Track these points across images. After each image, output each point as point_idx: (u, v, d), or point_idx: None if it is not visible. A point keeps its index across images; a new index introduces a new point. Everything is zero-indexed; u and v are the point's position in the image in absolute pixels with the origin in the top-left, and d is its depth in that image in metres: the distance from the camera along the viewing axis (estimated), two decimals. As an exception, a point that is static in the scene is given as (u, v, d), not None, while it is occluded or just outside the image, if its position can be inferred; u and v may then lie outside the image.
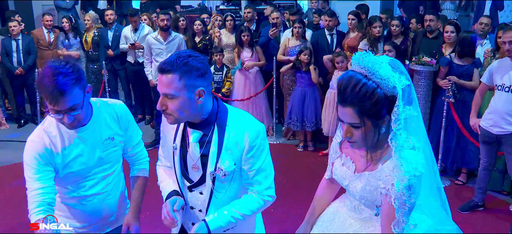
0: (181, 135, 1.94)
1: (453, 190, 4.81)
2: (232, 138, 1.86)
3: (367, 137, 1.66)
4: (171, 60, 1.74)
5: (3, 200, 4.59)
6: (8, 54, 6.77)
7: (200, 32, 6.88)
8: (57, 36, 7.36)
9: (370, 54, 1.66)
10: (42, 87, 1.86)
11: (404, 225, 1.68)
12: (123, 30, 6.98)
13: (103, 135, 2.12)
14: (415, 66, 4.87)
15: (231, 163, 1.86)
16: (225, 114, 1.90)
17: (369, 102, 1.59)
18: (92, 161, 2.10)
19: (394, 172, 1.65)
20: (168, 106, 1.78)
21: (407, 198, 1.63)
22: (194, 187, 1.96)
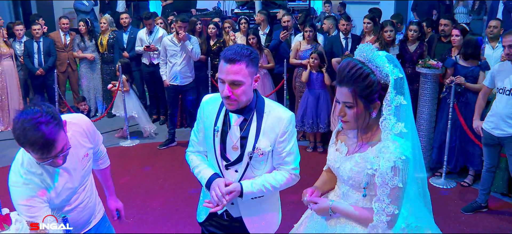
0: (222, 120, 2.17)
1: (458, 191, 4.87)
2: (269, 123, 2.14)
3: (359, 117, 1.83)
4: (237, 51, 2.00)
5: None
6: (30, 55, 7.05)
7: (214, 35, 7.06)
8: (73, 38, 7.61)
9: (370, 46, 1.84)
10: (28, 141, 1.78)
11: (383, 205, 1.81)
12: (138, 33, 7.20)
13: (79, 154, 2.17)
14: (421, 69, 4.95)
15: (267, 143, 2.13)
16: (263, 103, 2.18)
17: (363, 84, 1.78)
18: (76, 182, 2.17)
19: (381, 152, 1.80)
20: (235, 93, 2.02)
21: (390, 179, 1.77)
22: (231, 165, 2.20)
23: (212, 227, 2.38)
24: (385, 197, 1.81)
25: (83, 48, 7.51)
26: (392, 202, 1.81)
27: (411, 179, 1.92)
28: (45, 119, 1.78)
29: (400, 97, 1.80)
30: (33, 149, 1.80)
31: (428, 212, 2.11)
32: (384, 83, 1.81)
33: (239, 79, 2.00)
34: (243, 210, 2.26)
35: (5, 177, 1.89)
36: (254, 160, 2.16)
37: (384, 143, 1.80)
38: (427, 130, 5.12)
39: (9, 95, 7.08)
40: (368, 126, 1.89)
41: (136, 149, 6.33)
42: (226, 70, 2.00)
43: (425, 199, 2.11)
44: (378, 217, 1.83)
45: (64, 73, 7.57)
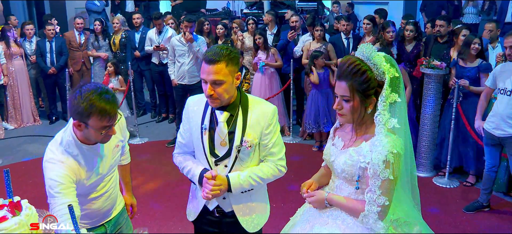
0: (209, 118, 2.27)
1: (461, 191, 4.91)
2: (254, 117, 2.25)
3: (354, 111, 1.94)
4: (216, 52, 2.10)
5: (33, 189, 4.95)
6: (42, 54, 7.22)
7: (222, 35, 7.17)
8: (87, 38, 7.78)
9: (370, 45, 1.94)
10: (97, 107, 1.95)
11: (374, 196, 1.90)
12: (148, 33, 7.33)
13: (111, 144, 2.29)
14: (425, 69, 5.00)
15: (254, 136, 2.24)
16: (246, 99, 2.30)
17: (360, 79, 1.88)
18: (106, 169, 2.29)
19: (374, 145, 1.89)
20: (216, 92, 2.12)
21: (382, 171, 1.86)
22: (220, 161, 2.28)
23: (205, 225, 2.46)
24: (376, 189, 1.89)
25: (97, 47, 7.67)
26: (383, 194, 1.89)
27: (402, 174, 1.99)
28: (106, 89, 2.03)
29: (395, 95, 1.89)
30: (105, 112, 1.98)
31: (416, 208, 2.17)
32: (380, 81, 1.91)
33: (220, 79, 2.10)
34: (234, 204, 2.34)
35: (19, 171, 2.01)
36: (242, 152, 2.25)
37: (378, 137, 1.90)
38: (430, 129, 5.16)
39: (20, 93, 7.27)
40: (363, 120, 1.98)
41: (145, 146, 6.45)
42: (207, 70, 2.11)
43: (414, 194, 2.16)
44: (369, 207, 1.92)
45: (79, 71, 7.74)
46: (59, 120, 7.59)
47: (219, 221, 2.41)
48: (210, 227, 2.45)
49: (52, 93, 7.56)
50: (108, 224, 2.45)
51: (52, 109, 7.61)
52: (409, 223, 2.05)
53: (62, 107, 7.78)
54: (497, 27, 5.74)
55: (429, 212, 4.47)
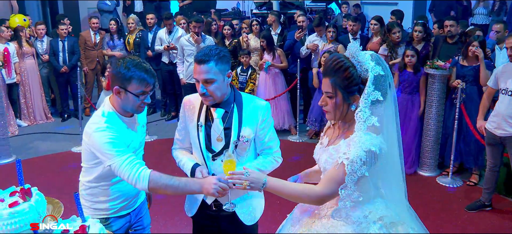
0: (205, 115, 2.35)
1: (464, 190, 4.96)
2: (249, 113, 2.35)
3: (337, 107, 1.96)
4: (206, 52, 2.21)
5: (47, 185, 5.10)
6: (55, 53, 7.40)
7: (229, 35, 7.27)
8: (103, 37, 7.94)
9: (356, 44, 1.96)
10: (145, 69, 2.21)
11: (349, 191, 1.91)
12: (158, 33, 7.47)
13: (140, 122, 2.48)
14: (429, 70, 5.05)
15: (250, 131, 2.34)
16: (240, 96, 2.39)
17: (342, 76, 1.91)
18: (137, 144, 2.44)
19: (353, 141, 1.90)
20: (208, 90, 2.22)
21: (358, 168, 1.87)
22: (217, 156, 2.36)
23: (203, 220, 2.54)
24: (351, 184, 1.89)
25: (112, 46, 7.82)
26: (357, 190, 1.91)
27: (389, 172, 2.02)
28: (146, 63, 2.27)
29: (378, 93, 1.88)
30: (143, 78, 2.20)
31: (408, 207, 2.17)
32: (364, 78, 1.91)
33: (210, 77, 2.20)
34: (233, 198, 2.40)
35: (32, 167, 2.13)
36: (239, 148, 2.35)
37: (357, 134, 1.90)
38: (434, 129, 5.21)
39: (32, 92, 7.45)
40: (346, 118, 2.00)
41: (154, 144, 6.58)
42: (198, 70, 2.21)
43: (400, 194, 2.13)
44: (343, 203, 1.93)
45: (94, 70, 7.91)
46: (71, 118, 7.76)
47: (216, 215, 2.49)
48: (208, 221, 2.53)
49: (64, 91, 7.72)
50: (133, 213, 2.58)
51: (64, 107, 7.78)
52: (396, 224, 2.03)
53: (73, 106, 7.95)
54: (505, 28, 5.76)
55: (431, 211, 4.53)
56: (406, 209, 2.15)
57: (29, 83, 7.40)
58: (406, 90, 5.34)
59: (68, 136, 6.83)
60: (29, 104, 7.48)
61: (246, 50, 6.79)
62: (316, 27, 6.63)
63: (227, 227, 2.52)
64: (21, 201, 1.63)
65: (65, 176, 5.29)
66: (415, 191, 4.98)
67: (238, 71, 6.72)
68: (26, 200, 1.64)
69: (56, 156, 6.09)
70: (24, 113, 7.48)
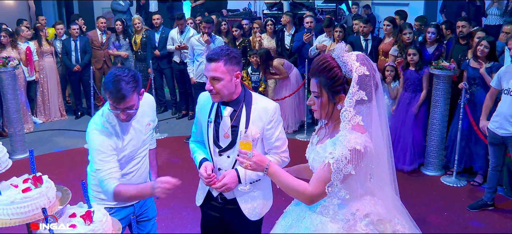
0: (215, 112, 2.48)
1: (468, 190, 5.01)
2: (257, 113, 2.44)
3: (324, 107, 2.01)
4: (216, 51, 2.34)
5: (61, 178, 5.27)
6: (68, 53, 7.61)
7: (239, 35, 7.39)
8: (108, 37, 8.12)
9: (343, 45, 2.01)
10: (107, 89, 2.30)
11: (336, 189, 1.95)
12: (170, 32, 7.61)
13: (144, 121, 2.61)
14: (434, 70, 5.11)
15: (256, 131, 2.39)
16: (250, 96, 2.50)
17: (327, 76, 1.95)
18: (139, 143, 2.58)
19: (338, 140, 1.96)
20: (215, 87, 2.33)
21: (343, 166, 1.92)
22: (223, 152, 2.49)
23: (209, 210, 2.67)
24: (338, 182, 1.94)
25: (117, 46, 7.99)
26: (344, 188, 1.96)
27: (373, 171, 2.06)
28: (127, 79, 2.29)
29: (362, 93, 1.92)
30: (110, 96, 2.30)
31: (398, 205, 2.19)
32: (349, 78, 1.94)
33: (218, 76, 2.32)
34: (237, 193, 2.53)
35: (46, 162, 2.26)
36: None
37: (342, 132, 1.94)
38: (439, 129, 5.27)
39: (49, 89, 7.68)
40: (333, 117, 2.04)
41: (165, 141, 6.73)
42: (207, 68, 2.34)
43: (391, 192, 2.16)
44: (330, 200, 2.00)
45: (100, 69, 8.09)
46: (84, 115, 7.96)
47: (222, 207, 2.61)
48: (214, 213, 2.66)
49: (77, 90, 7.93)
50: (137, 204, 2.73)
51: (77, 105, 7.99)
52: (383, 220, 2.06)
53: (86, 104, 8.15)
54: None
55: (433, 209, 4.59)
56: (398, 206, 2.18)
57: (47, 81, 7.63)
58: (409, 89, 5.41)
59: (81, 132, 7.02)
60: (46, 102, 7.71)
61: (255, 50, 6.90)
62: (325, 28, 6.71)
63: (231, 220, 2.64)
64: (33, 187, 1.77)
65: (77, 170, 5.46)
66: (418, 189, 5.05)
67: (249, 71, 6.84)
68: (38, 187, 1.78)
69: (69, 152, 6.28)
70: (40, 110, 7.71)
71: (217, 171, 2.54)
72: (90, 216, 1.66)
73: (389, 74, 5.64)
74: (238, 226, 2.64)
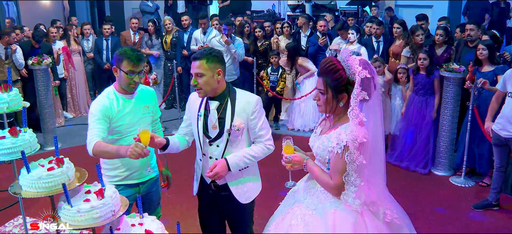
0: (204, 107, 2.78)
1: (475, 190, 5.12)
2: (241, 106, 2.73)
3: (327, 103, 2.28)
4: (200, 52, 2.66)
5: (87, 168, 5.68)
6: (99, 51, 8.07)
7: (261, 37, 7.65)
8: (141, 37, 8.52)
9: (348, 50, 2.28)
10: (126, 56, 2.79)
11: (352, 179, 2.21)
12: (194, 33, 7.91)
13: (142, 103, 3.00)
14: (444, 72, 5.24)
15: (241, 121, 2.71)
16: (234, 91, 2.79)
17: (333, 77, 2.22)
18: (135, 118, 2.94)
19: (348, 135, 2.20)
20: (199, 83, 2.63)
21: (357, 156, 2.20)
22: (213, 141, 2.78)
23: (204, 198, 2.97)
24: (352, 172, 2.20)
25: (150, 45, 8.39)
26: (358, 176, 2.21)
27: (374, 159, 2.30)
28: (138, 50, 2.96)
29: (365, 93, 2.16)
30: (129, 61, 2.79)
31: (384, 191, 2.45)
32: (351, 80, 2.20)
33: (200, 72, 2.62)
34: (229, 179, 2.81)
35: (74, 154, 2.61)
36: (232, 135, 2.73)
37: (351, 128, 2.18)
38: (449, 130, 5.40)
39: (77, 86, 8.18)
40: (336, 112, 2.33)
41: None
42: (192, 65, 2.66)
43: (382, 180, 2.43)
44: (348, 187, 2.24)
45: (132, 67, 8.51)
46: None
47: (215, 194, 2.90)
48: (209, 199, 2.95)
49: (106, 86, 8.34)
50: (142, 186, 3.06)
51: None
52: (375, 203, 2.34)
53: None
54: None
55: (438, 208, 4.74)
56: (387, 194, 2.47)
57: (75, 78, 8.11)
58: (420, 93, 5.55)
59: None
60: (75, 98, 8.20)
61: (276, 51, 7.15)
62: (339, 30, 6.90)
63: (224, 205, 2.92)
64: (56, 167, 2.10)
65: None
66: (427, 188, 5.20)
67: (269, 71, 7.10)
68: (60, 166, 2.11)
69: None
70: (70, 106, 8.21)
71: (208, 159, 2.82)
72: (102, 192, 1.97)
73: (402, 76, 5.80)
74: (232, 210, 2.92)
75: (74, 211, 1.89)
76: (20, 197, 2.15)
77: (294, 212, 2.47)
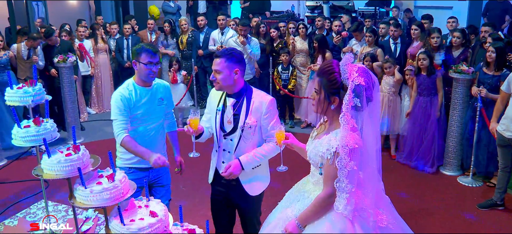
0: (223, 102, 3.01)
1: (482, 190, 5.20)
2: (255, 105, 2.94)
3: (319, 103, 2.33)
4: (222, 51, 2.91)
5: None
6: (120, 50, 8.41)
7: (277, 37, 7.85)
8: (158, 36, 8.82)
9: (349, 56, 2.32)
10: (144, 50, 3.14)
11: (343, 185, 2.22)
12: (212, 33, 8.17)
13: (157, 95, 3.33)
14: (453, 74, 5.34)
15: (254, 120, 2.92)
16: (251, 91, 3.00)
17: (327, 78, 2.27)
18: (152, 108, 3.28)
19: (338, 141, 2.26)
20: (217, 78, 2.87)
21: (347, 162, 2.24)
22: (227, 135, 3.01)
23: (217, 186, 3.21)
24: (343, 178, 2.21)
25: (165, 45, 8.68)
26: (349, 182, 2.22)
27: (367, 166, 2.37)
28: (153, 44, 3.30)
29: (357, 100, 2.20)
30: (147, 54, 3.15)
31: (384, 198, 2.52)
32: (345, 85, 2.22)
33: (219, 69, 2.86)
34: (241, 176, 3.04)
35: (97, 149, 2.88)
36: (245, 132, 2.96)
37: (342, 133, 2.21)
38: (457, 131, 5.49)
39: (103, 83, 8.55)
40: (328, 115, 2.36)
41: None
42: (213, 62, 2.90)
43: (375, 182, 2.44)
44: (340, 194, 2.24)
45: (149, 65, 8.81)
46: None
47: (226, 184, 3.13)
48: (220, 188, 3.19)
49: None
50: (151, 171, 3.35)
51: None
52: (366, 209, 2.34)
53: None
54: None
55: (443, 207, 4.86)
56: (383, 198, 2.52)
57: (101, 76, 8.48)
58: (424, 93, 5.68)
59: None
60: (100, 94, 8.57)
61: (286, 49, 7.33)
62: (353, 32, 7.02)
63: (234, 196, 3.15)
64: (73, 153, 2.35)
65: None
66: (434, 188, 5.31)
67: (279, 69, 7.29)
68: (76, 153, 2.37)
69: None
70: (94, 102, 8.58)
71: (222, 151, 3.06)
72: (112, 177, 2.21)
73: (410, 78, 5.91)
74: (241, 200, 3.14)
75: (88, 192, 2.14)
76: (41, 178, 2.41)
77: (287, 216, 2.53)
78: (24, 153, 6.30)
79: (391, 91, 6.10)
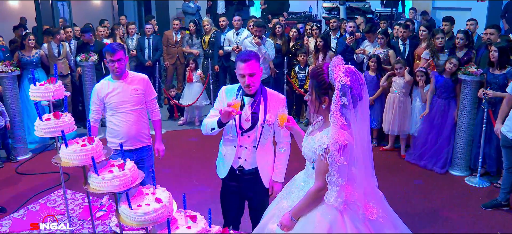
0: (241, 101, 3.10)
1: (489, 191, 5.27)
2: (272, 103, 3.11)
3: (312, 103, 2.48)
4: (248, 53, 2.96)
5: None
6: (142, 49, 8.70)
7: (294, 38, 8.02)
8: (183, 36, 9.09)
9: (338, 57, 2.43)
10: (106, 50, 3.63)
11: (334, 179, 2.36)
12: (227, 34, 8.35)
13: (131, 86, 3.81)
14: (461, 76, 5.43)
15: (272, 116, 3.06)
16: (265, 90, 3.15)
17: (317, 80, 2.40)
18: (125, 97, 3.77)
19: (329, 138, 2.40)
20: (253, 81, 2.96)
21: (338, 157, 2.32)
22: (245, 132, 3.15)
23: (229, 181, 3.34)
24: (334, 172, 2.34)
25: (191, 44, 8.93)
26: (340, 176, 2.35)
27: (359, 160, 2.48)
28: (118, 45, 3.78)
29: (344, 99, 2.31)
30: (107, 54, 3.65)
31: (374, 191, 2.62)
32: (334, 86, 2.33)
33: (254, 71, 2.95)
34: (259, 163, 3.23)
35: None
36: (265, 128, 3.12)
37: (332, 131, 2.33)
38: (465, 132, 5.57)
39: (122, 81, 8.83)
40: (321, 114, 2.50)
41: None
42: (244, 67, 2.92)
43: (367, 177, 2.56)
44: (330, 187, 2.38)
45: (173, 65, 9.05)
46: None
47: (240, 176, 3.29)
48: (233, 182, 3.34)
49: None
50: (136, 152, 3.89)
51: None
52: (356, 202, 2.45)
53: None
54: None
55: (448, 206, 4.95)
56: (375, 192, 2.61)
57: (119, 74, 8.78)
58: (442, 96, 5.77)
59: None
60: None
61: (303, 50, 7.50)
62: (366, 33, 7.14)
63: (247, 186, 3.31)
64: (88, 144, 2.60)
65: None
66: (441, 187, 5.41)
67: (296, 69, 7.46)
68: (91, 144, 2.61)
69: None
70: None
71: (239, 147, 3.20)
72: (123, 166, 2.43)
73: (421, 79, 6.00)
74: (254, 192, 3.33)
75: (100, 179, 2.37)
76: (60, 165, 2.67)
77: (283, 207, 2.68)
78: (47, 148, 6.66)
79: (401, 92, 6.21)
